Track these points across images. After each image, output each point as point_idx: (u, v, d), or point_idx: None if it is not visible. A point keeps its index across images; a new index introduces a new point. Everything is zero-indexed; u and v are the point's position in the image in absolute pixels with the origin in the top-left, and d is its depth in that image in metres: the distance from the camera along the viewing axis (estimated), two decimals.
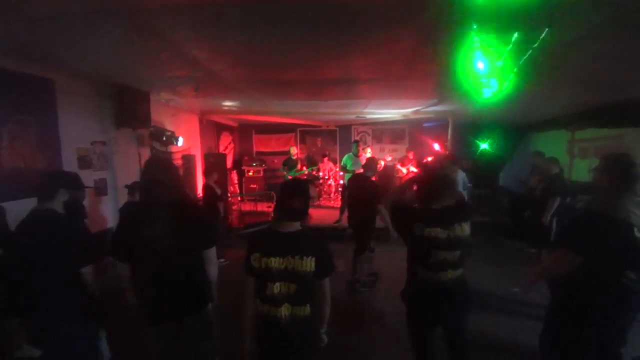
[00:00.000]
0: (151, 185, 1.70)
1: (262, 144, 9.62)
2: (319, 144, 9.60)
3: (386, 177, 4.15)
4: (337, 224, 6.30)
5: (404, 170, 7.70)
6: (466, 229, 1.88)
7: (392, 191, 2.30)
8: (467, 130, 7.97)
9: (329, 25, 2.07)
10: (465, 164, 5.39)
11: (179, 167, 1.91)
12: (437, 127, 8.23)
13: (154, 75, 3.51)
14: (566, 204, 4.41)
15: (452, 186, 1.98)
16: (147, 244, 1.63)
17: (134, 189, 3.44)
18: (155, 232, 1.63)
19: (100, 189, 4.11)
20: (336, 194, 8.04)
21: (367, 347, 2.98)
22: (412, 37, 2.31)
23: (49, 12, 1.93)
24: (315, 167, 8.33)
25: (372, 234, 4.05)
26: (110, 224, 4.18)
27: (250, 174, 8.68)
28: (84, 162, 3.85)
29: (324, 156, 8.34)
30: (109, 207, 4.23)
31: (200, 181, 6.44)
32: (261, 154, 9.40)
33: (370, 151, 7.86)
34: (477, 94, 3.96)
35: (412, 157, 7.89)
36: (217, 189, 4.75)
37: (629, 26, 2.05)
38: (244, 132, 9.57)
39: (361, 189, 3.87)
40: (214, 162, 6.23)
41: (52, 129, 3.42)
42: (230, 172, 8.36)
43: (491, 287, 4.17)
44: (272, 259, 1.59)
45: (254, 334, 1.71)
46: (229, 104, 5.66)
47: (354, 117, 7.41)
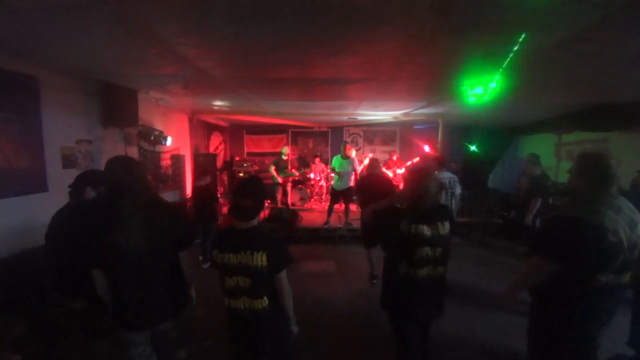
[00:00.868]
0: (119, 186, 1.63)
1: (253, 144, 9.55)
2: (311, 145, 9.59)
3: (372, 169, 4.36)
4: (327, 226, 6.30)
5: (390, 173, 7.73)
6: (447, 228, 1.92)
7: (375, 206, 2.33)
8: (457, 132, 8.07)
9: (320, 21, 2.06)
10: (454, 167, 5.46)
11: (144, 165, 1.86)
12: (428, 129, 8.31)
13: (142, 72, 3.44)
14: (548, 204, 4.53)
15: (438, 187, 2.05)
16: (118, 247, 1.57)
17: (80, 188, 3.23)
18: (126, 236, 1.57)
19: None
20: (327, 195, 8.02)
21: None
22: (402, 35, 2.31)
23: (31, 4, 1.87)
24: (306, 169, 8.31)
25: None
26: None
27: (241, 174, 8.59)
28: (69, 162, 3.74)
29: (316, 157, 8.34)
30: None
31: (189, 182, 6.35)
32: (253, 155, 9.33)
33: (360, 153, 7.91)
34: (465, 96, 4.03)
35: (395, 159, 7.94)
36: (211, 190, 4.68)
37: (616, 28, 2.09)
38: (235, 132, 9.49)
39: (376, 185, 4.08)
40: (204, 163, 6.15)
41: (35, 127, 3.32)
42: (220, 173, 8.27)
43: (480, 286, 4.22)
44: (227, 255, 1.67)
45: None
46: (219, 103, 5.60)
47: (345, 118, 7.42)
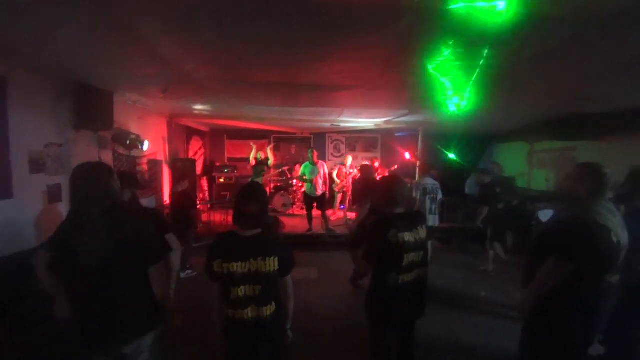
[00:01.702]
0: (81, 192, 1.51)
1: (235, 149, 9.40)
2: (294, 151, 9.56)
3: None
4: (309, 233, 6.27)
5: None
6: (425, 231, 2.02)
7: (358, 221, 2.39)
8: (436, 140, 8.30)
9: (306, 26, 2.06)
10: (435, 174, 5.59)
11: (113, 171, 1.72)
12: (408, 136, 8.50)
13: (119, 73, 3.31)
14: (498, 211, 4.87)
15: (409, 191, 2.16)
16: (77, 259, 1.45)
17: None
18: (84, 246, 1.44)
19: (54, 195, 3.77)
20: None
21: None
22: (386, 45, 2.36)
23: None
24: (283, 166, 8.14)
25: None
26: None
27: (221, 180, 8.42)
28: (36, 166, 3.52)
29: (297, 164, 8.30)
30: (63, 215, 3.89)
31: (167, 187, 6.14)
32: (234, 160, 9.17)
33: (350, 159, 7.95)
34: (443, 106, 4.17)
35: (378, 166, 8.06)
36: (188, 197, 4.55)
37: (585, 44, 2.21)
38: (216, 137, 9.31)
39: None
40: (183, 168, 5.98)
41: (0, 129, 3.10)
42: (200, 179, 8.06)
43: (459, 290, 4.30)
44: (234, 264, 1.60)
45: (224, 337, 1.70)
46: (200, 107, 5.48)
47: (328, 125, 7.46)
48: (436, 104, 4.33)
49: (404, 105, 4.89)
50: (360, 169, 4.72)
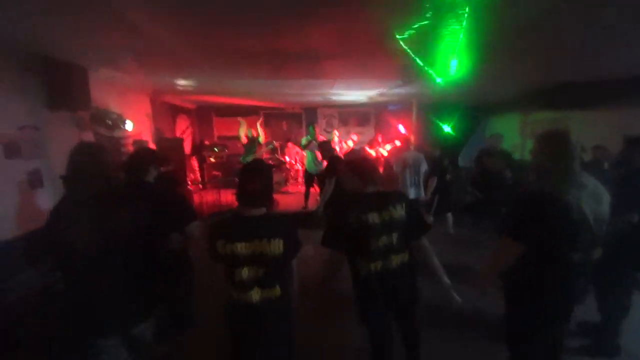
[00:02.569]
0: (74, 176, 1.46)
1: (224, 127, 9.12)
2: (285, 127, 9.32)
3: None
4: (304, 210, 6.23)
5: (373, 152, 7.75)
6: (401, 211, 1.79)
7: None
8: (429, 113, 8.15)
9: None
10: (435, 151, 5.46)
11: (109, 152, 1.62)
12: (402, 110, 8.32)
13: (88, 44, 3.04)
14: (446, 181, 5.13)
15: (378, 170, 1.99)
16: (74, 245, 1.40)
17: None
18: (80, 233, 1.39)
19: (34, 181, 3.59)
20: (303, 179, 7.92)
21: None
22: (377, 6, 2.17)
23: None
24: (271, 144, 7.89)
25: None
26: None
27: (212, 159, 8.22)
28: (11, 151, 3.31)
29: (288, 141, 8.08)
30: (46, 202, 3.73)
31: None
32: (224, 139, 8.92)
33: (337, 133, 7.79)
34: (437, 73, 4.03)
35: (380, 140, 7.92)
36: (172, 177, 4.39)
37: (581, 3, 2.07)
38: (204, 114, 8.99)
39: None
40: (169, 148, 5.77)
41: None
42: (189, 159, 7.85)
43: (453, 262, 4.32)
44: (238, 244, 1.54)
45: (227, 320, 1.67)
46: (184, 82, 5.20)
47: (320, 98, 7.22)
48: (429, 71, 4.17)
49: (397, 75, 4.70)
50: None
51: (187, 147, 7.99)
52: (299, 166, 8.10)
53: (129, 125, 4.84)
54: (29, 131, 3.54)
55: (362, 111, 9.25)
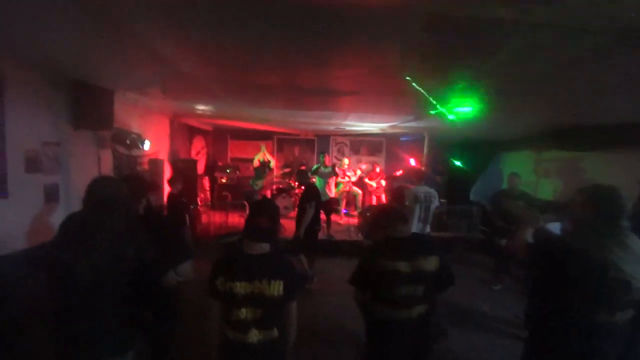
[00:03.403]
0: (98, 205, 1.50)
1: (237, 150, 9.32)
2: (297, 152, 9.46)
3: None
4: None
5: (374, 184, 7.76)
6: (432, 263, 1.79)
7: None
8: (442, 146, 8.16)
9: (310, 30, 1.96)
10: (438, 179, 5.46)
11: (126, 188, 1.65)
12: (414, 141, 8.37)
13: (118, 71, 3.24)
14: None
15: (407, 216, 2.02)
16: (75, 270, 1.42)
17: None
18: (85, 258, 1.42)
19: (50, 195, 3.71)
20: None
21: None
22: (394, 51, 2.25)
23: None
24: (288, 172, 8.03)
25: None
26: None
27: (223, 180, 8.34)
28: (32, 165, 3.45)
29: (301, 165, 8.18)
30: (60, 216, 3.82)
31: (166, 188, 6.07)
32: (236, 160, 9.09)
33: (347, 161, 7.86)
34: (450, 113, 4.08)
35: (379, 171, 7.95)
36: (183, 198, 4.47)
37: (606, 56, 2.09)
38: (219, 136, 9.24)
39: None
40: (183, 168, 5.90)
41: None
42: (201, 179, 8.00)
43: (460, 304, 4.17)
44: (238, 284, 1.51)
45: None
46: (202, 107, 5.40)
47: (333, 127, 7.35)
48: (443, 110, 4.22)
49: (410, 111, 4.78)
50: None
51: (201, 167, 8.16)
52: None
53: (147, 144, 5.01)
54: (51, 147, 3.70)
55: (374, 140, 9.34)
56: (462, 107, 3.92)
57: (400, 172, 7.93)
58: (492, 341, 3.32)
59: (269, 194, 7.55)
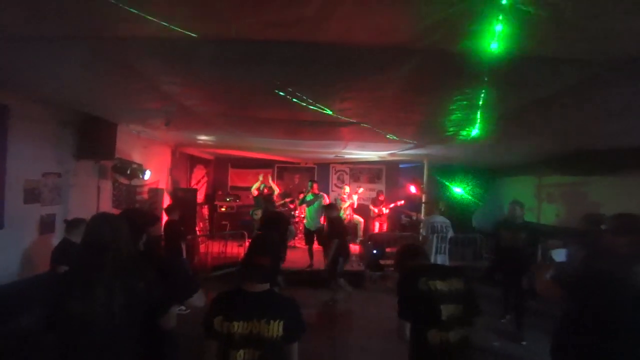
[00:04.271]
0: (96, 245, 1.42)
1: (238, 178, 9.33)
2: (297, 180, 9.47)
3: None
4: (309, 269, 6.03)
5: (376, 210, 7.72)
6: (461, 284, 1.83)
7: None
8: (441, 173, 8.19)
9: (311, 68, 2.02)
10: (442, 206, 5.39)
11: (126, 225, 1.59)
12: (413, 169, 8.40)
13: (122, 106, 3.31)
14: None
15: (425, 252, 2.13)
16: (77, 318, 1.34)
17: (75, 226, 2.93)
18: (89, 305, 1.34)
19: (46, 225, 3.65)
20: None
21: None
22: (393, 85, 2.30)
23: (5, 33, 1.75)
24: (289, 197, 7.99)
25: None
26: None
27: (222, 209, 8.27)
28: (31, 196, 3.43)
29: (300, 193, 8.12)
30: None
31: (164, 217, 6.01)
32: (236, 189, 9.07)
33: (348, 188, 7.85)
34: (449, 141, 4.12)
35: (382, 199, 7.93)
36: (181, 227, 4.41)
37: (601, 85, 2.14)
38: (220, 165, 9.30)
39: None
40: (183, 197, 5.87)
41: None
42: (201, 208, 7.94)
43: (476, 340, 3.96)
44: (235, 324, 1.43)
45: None
46: (204, 138, 5.48)
47: (332, 156, 7.42)
48: (442, 139, 4.27)
49: (409, 140, 4.83)
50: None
51: (201, 196, 8.13)
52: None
53: (147, 174, 5.01)
54: (52, 178, 3.69)
55: (373, 168, 9.39)
56: (462, 135, 3.96)
57: (402, 202, 7.89)
58: None
59: None
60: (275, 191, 7.21)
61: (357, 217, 7.97)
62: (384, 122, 3.49)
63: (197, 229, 6.96)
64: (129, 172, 4.62)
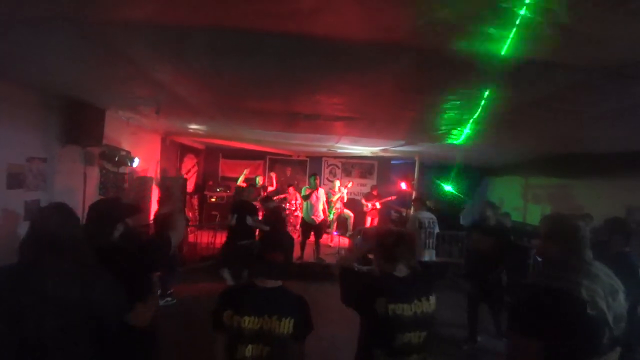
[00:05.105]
0: (42, 242, 1.26)
1: (229, 169, 9.25)
2: (289, 173, 9.45)
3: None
4: (299, 261, 6.06)
5: (369, 205, 7.76)
6: (433, 303, 1.64)
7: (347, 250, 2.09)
8: (432, 170, 8.28)
9: (305, 61, 2.00)
10: (431, 205, 5.48)
11: (78, 217, 1.44)
12: (404, 165, 8.47)
13: (111, 92, 3.23)
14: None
15: (412, 245, 1.82)
16: (22, 321, 1.19)
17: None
18: (29, 312, 1.18)
19: (31, 211, 3.56)
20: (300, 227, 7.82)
21: None
22: (386, 81, 2.30)
23: None
24: (280, 195, 7.99)
25: None
26: None
27: (212, 200, 8.21)
28: (15, 181, 3.34)
29: (290, 186, 8.07)
30: None
31: (154, 207, 5.93)
32: (227, 180, 9.00)
33: (338, 183, 7.87)
34: (441, 139, 4.16)
35: (375, 194, 7.98)
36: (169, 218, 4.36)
37: (591, 90, 2.18)
38: (211, 155, 9.19)
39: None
40: (172, 187, 5.79)
41: None
42: (191, 197, 7.86)
43: (453, 334, 4.06)
44: (246, 318, 1.42)
45: None
46: (195, 127, 5.40)
47: (325, 149, 7.41)
48: (434, 137, 4.30)
49: (403, 136, 4.86)
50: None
51: (191, 186, 8.04)
52: (299, 213, 8.03)
53: (135, 162, 4.92)
54: (37, 163, 3.60)
55: (365, 163, 9.43)
56: (452, 134, 4.01)
57: (393, 197, 7.96)
58: None
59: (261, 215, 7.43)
60: (258, 181, 7.20)
61: (347, 211, 8.02)
62: (376, 118, 3.49)
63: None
64: (117, 160, 4.52)
